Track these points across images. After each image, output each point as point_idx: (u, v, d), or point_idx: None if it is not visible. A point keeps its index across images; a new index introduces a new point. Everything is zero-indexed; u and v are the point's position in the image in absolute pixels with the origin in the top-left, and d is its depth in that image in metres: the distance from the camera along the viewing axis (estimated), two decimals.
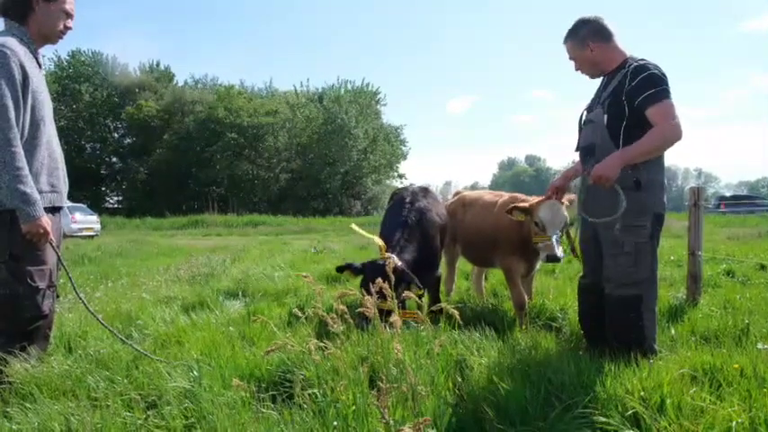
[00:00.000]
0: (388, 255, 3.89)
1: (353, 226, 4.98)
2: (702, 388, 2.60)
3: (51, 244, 3.00)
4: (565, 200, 3.99)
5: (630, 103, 3.12)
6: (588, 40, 3.34)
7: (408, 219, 4.40)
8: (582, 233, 3.62)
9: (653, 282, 3.26)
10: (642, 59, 3.21)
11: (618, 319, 3.23)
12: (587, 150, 3.41)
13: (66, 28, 3.09)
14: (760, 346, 3.19)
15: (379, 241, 4.13)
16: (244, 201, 40.98)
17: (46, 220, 2.84)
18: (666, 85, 3.09)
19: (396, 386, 2.14)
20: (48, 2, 2.96)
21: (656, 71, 3.10)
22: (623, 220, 3.16)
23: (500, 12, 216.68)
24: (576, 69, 3.51)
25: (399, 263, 3.82)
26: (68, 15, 3.07)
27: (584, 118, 3.56)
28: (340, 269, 4.05)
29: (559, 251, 3.86)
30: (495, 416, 2.45)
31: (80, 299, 3.40)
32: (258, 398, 2.60)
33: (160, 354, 3.46)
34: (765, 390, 2.48)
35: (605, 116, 3.24)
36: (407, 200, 4.59)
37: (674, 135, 3.06)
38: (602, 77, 3.49)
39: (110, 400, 2.57)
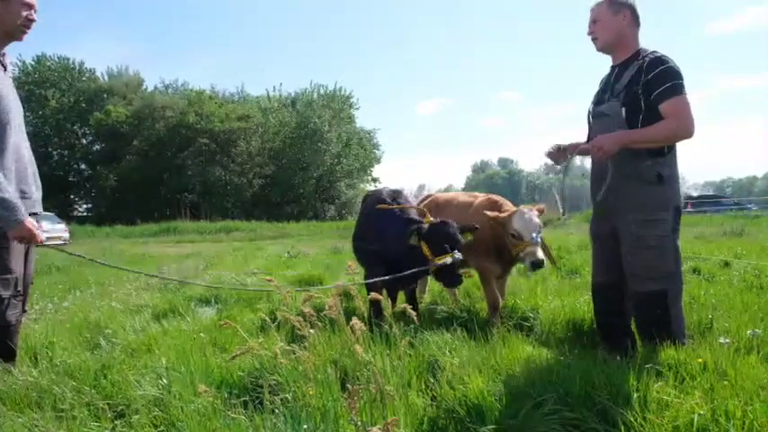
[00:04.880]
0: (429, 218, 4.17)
1: None
2: (667, 382, 2.66)
3: (43, 244, 2.96)
4: (534, 209, 4.05)
5: (647, 96, 3.11)
6: (626, 9, 3.28)
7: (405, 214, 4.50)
8: (597, 228, 3.54)
9: (677, 275, 3.26)
10: (655, 51, 3.20)
11: (645, 314, 3.24)
12: None
13: (30, 20, 2.91)
14: (722, 340, 3.27)
15: None
16: (216, 207, 40.29)
17: (30, 222, 2.78)
18: (681, 79, 3.08)
19: (364, 387, 2.14)
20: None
21: (671, 64, 3.10)
22: (646, 214, 3.15)
23: (467, 12, 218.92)
24: (591, 34, 3.38)
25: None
26: (29, 6, 2.89)
27: (593, 111, 3.50)
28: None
29: (541, 255, 3.87)
30: (467, 414, 2.47)
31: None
32: (229, 404, 2.58)
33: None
34: (726, 383, 2.55)
35: (623, 108, 3.21)
36: (389, 201, 4.60)
37: (683, 133, 3.08)
38: (610, 69, 3.44)
39: (76, 411, 2.52)
